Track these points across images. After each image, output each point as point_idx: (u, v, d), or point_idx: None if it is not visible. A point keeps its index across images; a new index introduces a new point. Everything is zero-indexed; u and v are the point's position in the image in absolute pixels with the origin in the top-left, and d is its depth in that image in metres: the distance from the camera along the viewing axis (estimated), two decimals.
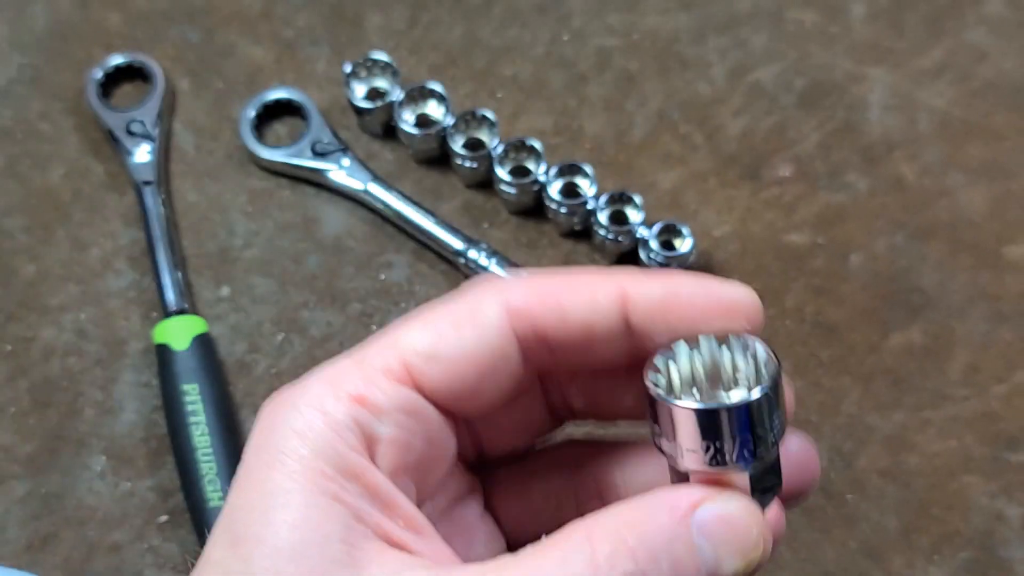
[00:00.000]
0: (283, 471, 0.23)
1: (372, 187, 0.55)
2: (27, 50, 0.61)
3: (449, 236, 0.54)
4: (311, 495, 0.23)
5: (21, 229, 0.56)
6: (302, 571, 0.22)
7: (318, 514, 0.22)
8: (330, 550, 0.22)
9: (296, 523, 0.22)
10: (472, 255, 0.53)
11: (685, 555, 0.21)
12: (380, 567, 0.22)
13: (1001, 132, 0.59)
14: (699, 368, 0.23)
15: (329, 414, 0.24)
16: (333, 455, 0.23)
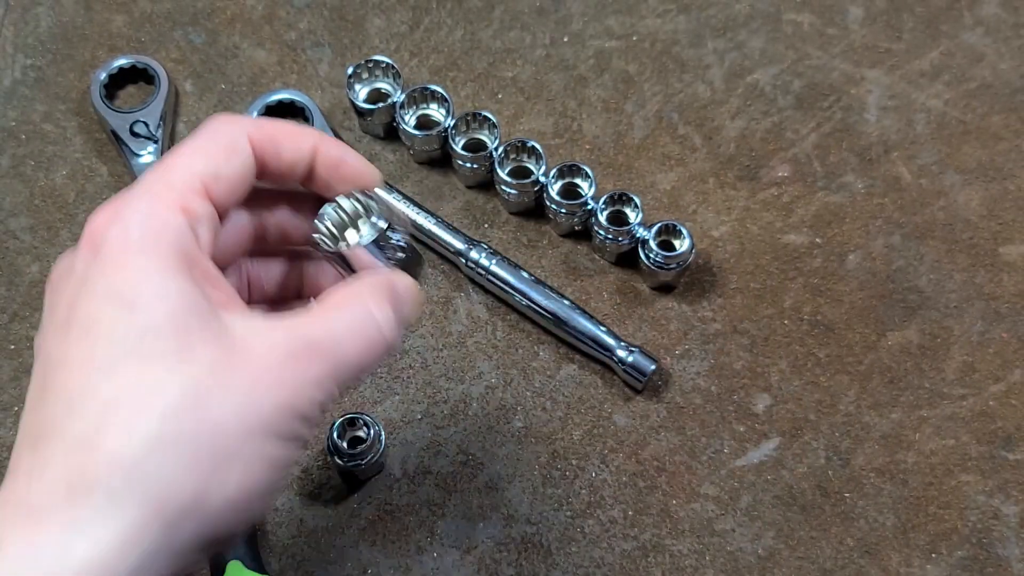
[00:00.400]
0: (156, 260, 0.32)
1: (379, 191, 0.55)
2: (32, 52, 0.61)
3: (450, 237, 0.54)
4: (179, 275, 0.32)
5: (26, 229, 0.56)
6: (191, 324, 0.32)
7: (189, 287, 0.32)
8: (201, 309, 0.32)
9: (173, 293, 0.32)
10: (473, 255, 0.53)
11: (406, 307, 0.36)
12: (237, 319, 0.33)
13: (997, 133, 0.59)
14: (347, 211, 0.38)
15: (172, 219, 0.33)
16: (182, 248, 0.33)
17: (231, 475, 0.31)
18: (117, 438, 0.30)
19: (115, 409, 0.30)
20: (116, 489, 0.29)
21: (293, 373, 0.33)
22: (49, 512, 0.29)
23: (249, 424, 0.31)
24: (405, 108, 0.57)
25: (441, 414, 0.52)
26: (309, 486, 0.50)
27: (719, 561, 0.49)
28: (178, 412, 0.30)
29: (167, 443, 0.30)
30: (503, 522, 0.50)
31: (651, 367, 0.51)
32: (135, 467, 0.30)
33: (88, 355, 0.31)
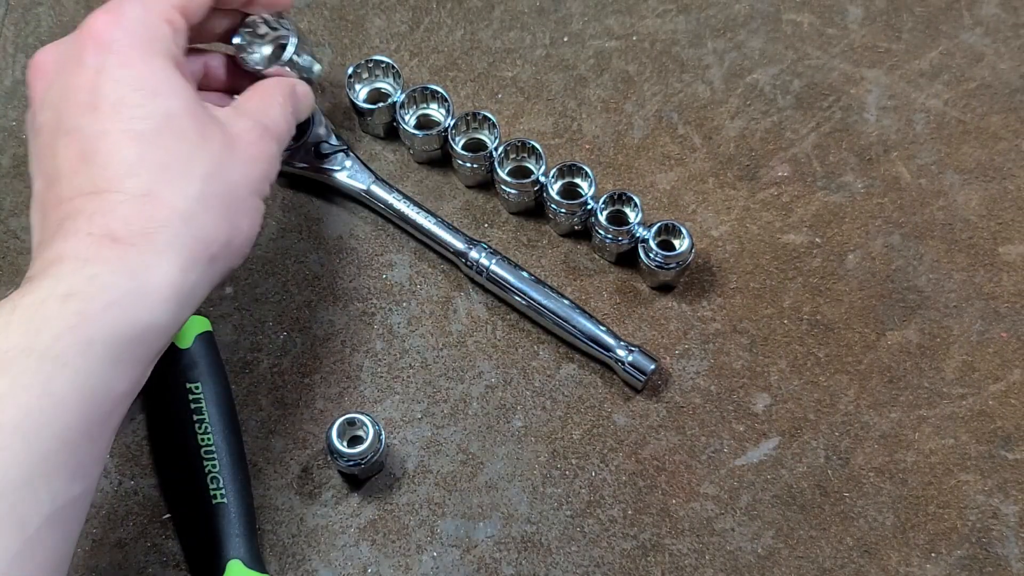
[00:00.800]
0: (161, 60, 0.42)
1: (374, 188, 0.55)
2: (32, 52, 0.61)
3: (450, 236, 0.54)
4: (179, 74, 0.42)
5: (26, 229, 0.56)
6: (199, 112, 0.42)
7: (189, 84, 0.43)
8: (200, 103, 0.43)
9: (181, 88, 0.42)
10: (473, 255, 0.53)
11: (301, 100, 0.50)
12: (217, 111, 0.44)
13: (997, 133, 0.59)
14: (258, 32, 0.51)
15: (164, 28, 0.43)
16: (174, 53, 0.43)
17: (243, 223, 0.43)
18: (174, 194, 0.40)
19: (166, 172, 0.40)
20: (177, 232, 0.39)
21: (262, 149, 0.45)
22: (129, 242, 0.38)
23: (249, 186, 0.43)
24: (405, 108, 0.57)
25: (441, 414, 0.52)
26: (309, 486, 0.51)
27: (719, 560, 0.49)
28: (211, 177, 0.41)
29: (208, 199, 0.41)
30: (503, 522, 0.50)
31: (651, 366, 0.51)
32: (190, 217, 0.40)
33: (127, 128, 0.40)
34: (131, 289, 0.37)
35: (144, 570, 0.48)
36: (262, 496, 0.50)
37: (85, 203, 0.39)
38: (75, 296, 0.36)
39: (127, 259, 0.38)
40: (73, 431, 0.35)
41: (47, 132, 0.41)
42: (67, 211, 0.39)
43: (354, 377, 0.53)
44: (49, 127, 0.41)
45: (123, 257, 0.38)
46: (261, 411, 0.52)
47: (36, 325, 0.35)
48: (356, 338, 0.54)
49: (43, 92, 0.42)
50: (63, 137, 0.40)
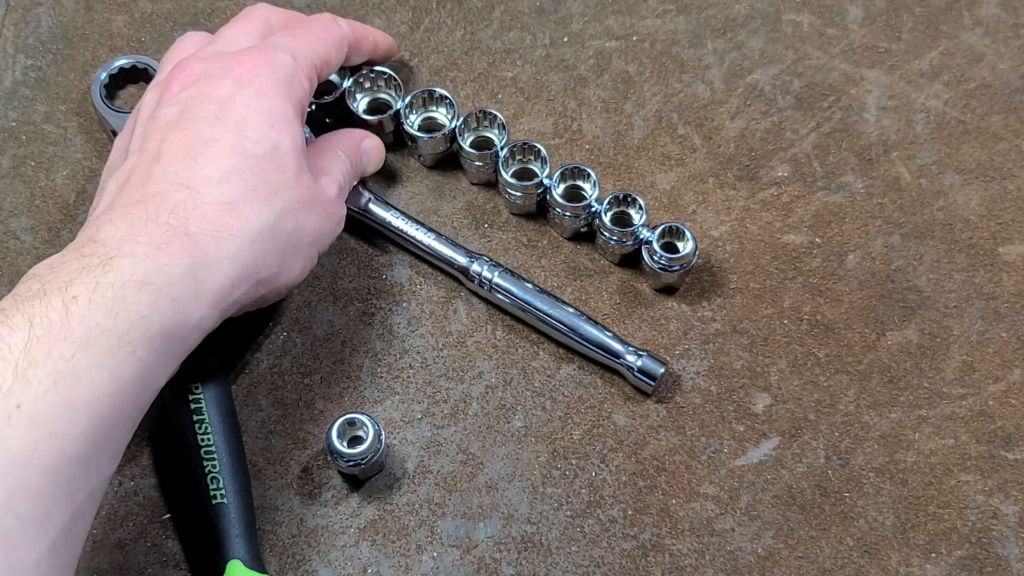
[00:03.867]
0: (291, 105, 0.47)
1: (372, 207, 0.55)
2: (32, 52, 0.61)
3: (451, 251, 0.54)
4: (299, 121, 0.47)
5: (26, 230, 0.56)
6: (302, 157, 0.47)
7: (302, 132, 0.48)
8: (304, 150, 0.47)
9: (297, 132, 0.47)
10: (475, 269, 0.53)
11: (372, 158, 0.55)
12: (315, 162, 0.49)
13: (997, 133, 0.59)
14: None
15: (303, 82, 0.48)
16: (302, 104, 0.48)
17: (295, 266, 0.47)
18: (252, 213, 0.43)
19: (254, 192, 0.43)
20: (241, 246, 0.43)
21: (336, 210, 0.49)
22: (201, 240, 0.41)
23: (314, 237, 0.47)
24: (409, 112, 0.57)
25: (441, 414, 0.52)
26: (309, 486, 0.51)
27: (719, 561, 0.49)
28: (287, 213, 0.45)
29: (277, 230, 0.44)
30: (503, 522, 0.50)
31: (660, 370, 0.51)
32: (257, 237, 0.43)
33: (237, 144, 0.44)
34: (191, 287, 0.40)
35: (144, 570, 0.48)
36: (262, 496, 0.50)
37: (173, 192, 0.42)
38: (149, 286, 0.39)
39: (194, 256, 0.41)
40: (124, 416, 0.38)
41: (165, 122, 0.45)
42: (153, 191, 0.42)
43: (354, 377, 0.53)
44: (169, 119, 0.45)
45: (191, 253, 0.41)
46: (261, 411, 0.52)
47: (115, 308, 0.37)
48: (356, 338, 0.54)
49: (178, 91, 0.46)
50: (178, 130, 0.44)
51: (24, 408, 0.35)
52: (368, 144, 0.54)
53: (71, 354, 0.36)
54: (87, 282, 0.38)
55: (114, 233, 0.40)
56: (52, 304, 0.37)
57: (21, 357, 0.35)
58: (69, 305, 0.37)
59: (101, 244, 0.40)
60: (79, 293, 0.37)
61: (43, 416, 0.35)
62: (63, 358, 0.36)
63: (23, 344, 0.36)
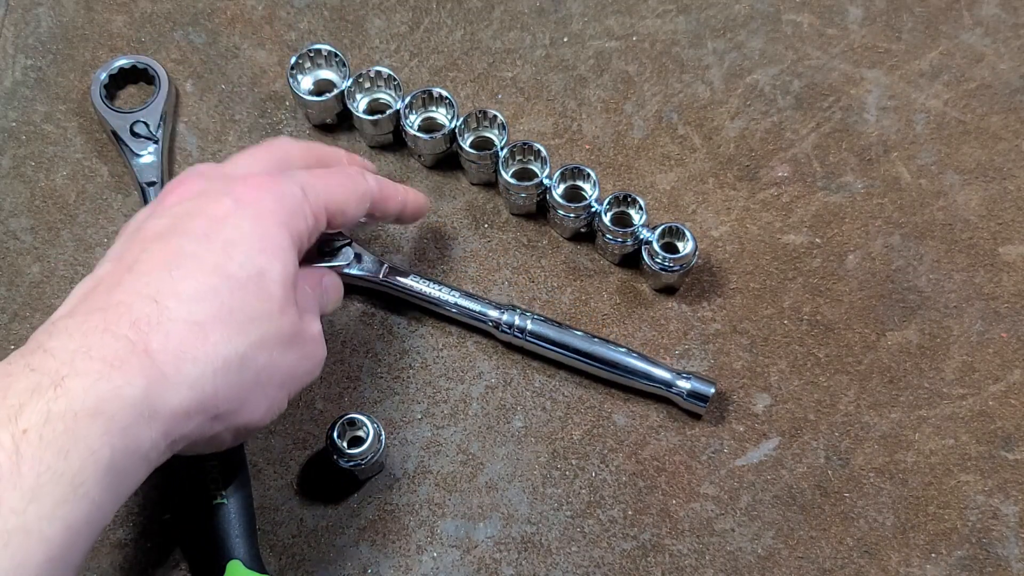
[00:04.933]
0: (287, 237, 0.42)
1: (389, 274, 0.53)
2: (32, 53, 0.61)
3: (480, 307, 0.52)
4: (294, 254, 0.43)
5: (26, 230, 0.56)
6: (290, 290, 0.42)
7: (296, 265, 0.43)
8: (294, 283, 0.43)
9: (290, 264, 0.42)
10: (507, 319, 0.52)
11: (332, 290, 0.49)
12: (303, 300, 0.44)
13: (997, 133, 0.59)
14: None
15: (308, 219, 0.44)
16: (302, 241, 0.44)
17: (259, 408, 0.41)
18: (221, 339, 0.39)
19: (228, 316, 0.39)
20: (203, 373, 0.38)
21: (318, 350, 0.45)
22: (160, 359, 0.37)
23: (285, 378, 0.42)
24: (408, 112, 0.57)
25: (441, 414, 0.52)
26: (309, 486, 0.51)
27: (719, 561, 0.49)
28: (261, 345, 0.40)
29: (245, 363, 0.40)
30: (503, 522, 0.50)
31: (711, 390, 0.50)
32: (222, 369, 0.39)
33: (219, 264, 0.40)
34: (143, 413, 0.36)
35: (144, 570, 0.48)
36: (262, 496, 0.50)
37: (139, 304, 0.38)
38: (101, 415, 0.35)
39: (151, 377, 0.37)
40: (72, 562, 0.35)
41: (151, 233, 0.41)
42: (118, 300, 0.38)
43: (354, 377, 0.53)
44: (156, 231, 0.41)
45: (148, 373, 0.37)
46: None
47: (67, 445, 0.34)
48: (356, 338, 0.54)
49: (172, 205, 0.43)
50: (161, 242, 0.40)
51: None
52: (328, 282, 0.49)
53: (23, 507, 0.33)
54: (38, 410, 0.34)
55: (67, 343, 0.36)
56: (2, 441, 0.33)
57: None
58: (19, 443, 0.34)
59: (52, 356, 0.36)
60: (29, 426, 0.34)
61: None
62: (14, 513, 0.33)
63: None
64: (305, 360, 0.43)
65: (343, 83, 0.57)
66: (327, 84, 0.58)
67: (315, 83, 0.59)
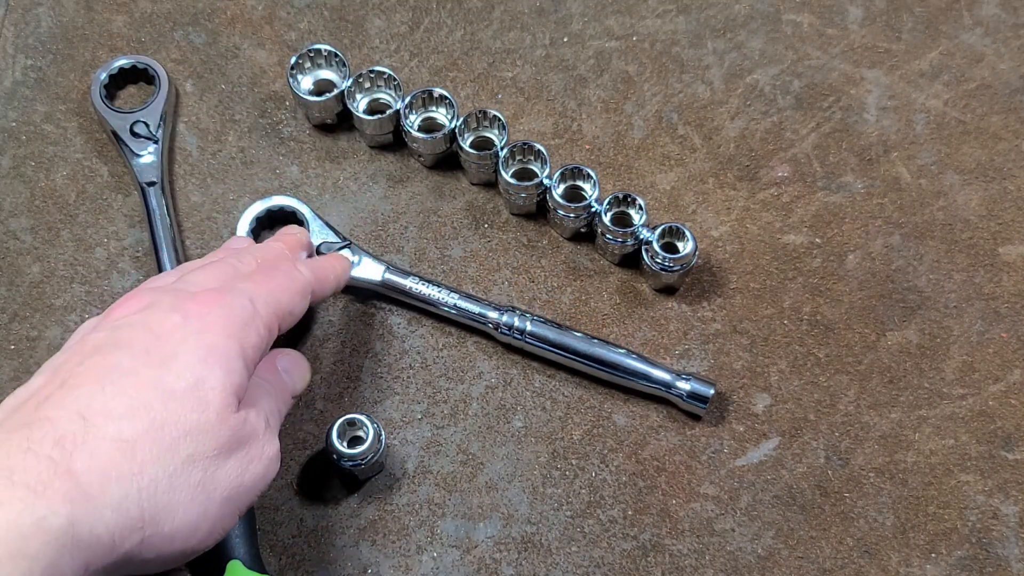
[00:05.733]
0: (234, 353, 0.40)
1: (388, 276, 0.53)
2: (32, 53, 0.61)
3: (479, 308, 0.52)
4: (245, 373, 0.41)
5: (26, 230, 0.56)
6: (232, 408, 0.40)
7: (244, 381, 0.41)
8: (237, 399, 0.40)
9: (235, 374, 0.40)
10: (506, 321, 0.51)
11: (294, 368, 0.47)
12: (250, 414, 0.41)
13: (997, 133, 0.59)
14: None
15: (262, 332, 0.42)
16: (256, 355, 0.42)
17: (200, 527, 0.39)
18: (147, 457, 0.37)
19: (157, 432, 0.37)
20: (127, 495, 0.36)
21: (267, 450, 0.42)
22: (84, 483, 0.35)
23: (230, 492, 0.40)
24: (408, 112, 0.57)
25: (441, 414, 0.52)
26: (309, 486, 0.50)
27: (719, 561, 0.49)
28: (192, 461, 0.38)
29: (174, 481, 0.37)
30: (503, 522, 0.50)
31: (710, 391, 0.50)
32: (151, 488, 0.37)
33: (156, 380, 0.38)
34: (67, 545, 0.34)
35: None
36: (262, 496, 0.50)
37: (65, 421, 0.36)
38: (25, 556, 0.33)
39: (75, 502, 0.34)
40: None
41: (90, 346, 0.39)
42: (44, 415, 0.36)
43: (354, 377, 0.53)
44: (96, 344, 0.39)
45: (71, 498, 0.34)
46: None
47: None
48: (356, 338, 0.54)
49: (117, 318, 0.41)
50: (99, 356, 0.39)
51: None
52: (285, 363, 0.47)
53: None
54: None
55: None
56: None
57: None
58: None
59: None
60: None
61: None
62: None
63: None
64: (253, 464, 0.41)
65: (343, 83, 0.57)
66: (327, 84, 0.58)
67: (315, 83, 0.59)
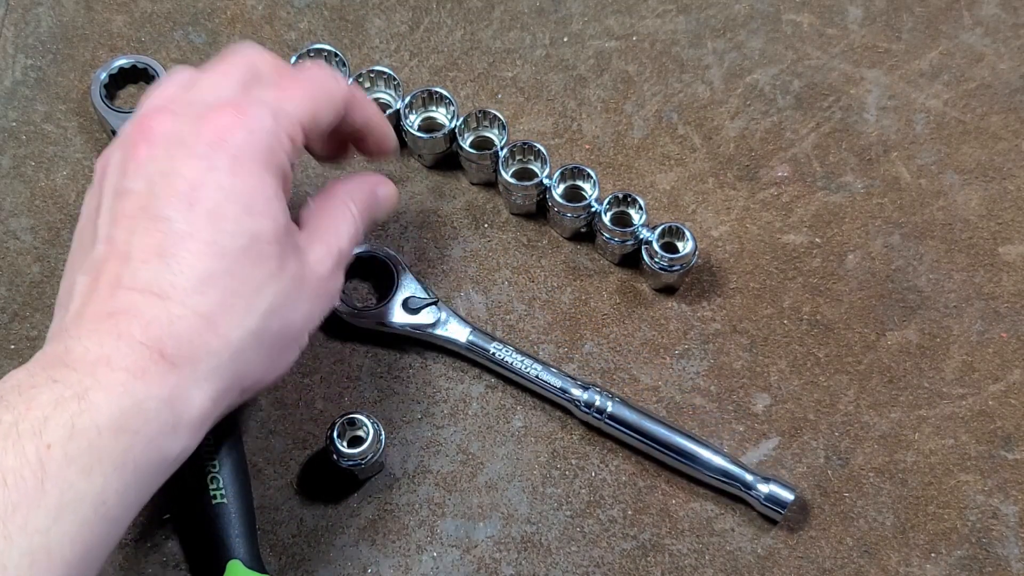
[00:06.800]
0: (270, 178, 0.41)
1: (472, 339, 0.52)
2: (32, 52, 0.61)
3: (562, 382, 0.51)
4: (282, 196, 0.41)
5: (27, 230, 0.56)
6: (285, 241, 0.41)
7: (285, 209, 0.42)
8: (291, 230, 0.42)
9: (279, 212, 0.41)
10: (587, 398, 0.50)
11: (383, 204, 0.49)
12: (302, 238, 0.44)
13: (997, 133, 0.59)
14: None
15: (285, 143, 0.42)
16: (284, 171, 0.42)
17: (285, 360, 0.43)
18: (231, 325, 0.39)
19: (233, 298, 0.39)
20: (221, 363, 0.39)
21: (330, 286, 0.44)
22: (176, 363, 0.37)
23: (306, 325, 0.43)
24: (409, 112, 0.57)
25: (441, 414, 0.52)
26: (309, 486, 0.51)
27: (719, 561, 0.49)
28: (273, 314, 0.40)
29: (262, 336, 0.40)
30: (503, 522, 0.50)
31: (790, 497, 0.48)
32: (239, 352, 0.39)
33: (213, 241, 0.39)
34: (168, 422, 0.37)
35: (144, 570, 0.48)
36: (262, 496, 0.50)
37: (145, 305, 0.38)
38: (126, 431, 0.36)
39: (171, 383, 0.37)
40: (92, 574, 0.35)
41: (133, 204, 0.40)
42: (124, 302, 0.38)
43: (354, 377, 0.53)
44: (137, 200, 0.40)
45: (168, 380, 0.37)
46: (261, 411, 0.52)
47: (90, 462, 0.34)
48: (356, 338, 0.54)
49: (144, 158, 0.40)
50: (148, 220, 0.39)
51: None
52: (384, 192, 0.48)
53: (46, 527, 0.33)
54: (62, 424, 0.34)
55: (86, 354, 0.36)
56: (27, 455, 0.33)
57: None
58: (44, 458, 0.33)
59: (73, 369, 0.36)
60: (53, 441, 0.34)
61: None
62: (38, 532, 0.33)
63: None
64: (318, 300, 0.43)
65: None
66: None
67: None
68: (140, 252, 0.39)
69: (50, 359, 0.37)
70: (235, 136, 0.40)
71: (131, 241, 0.39)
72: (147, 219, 0.39)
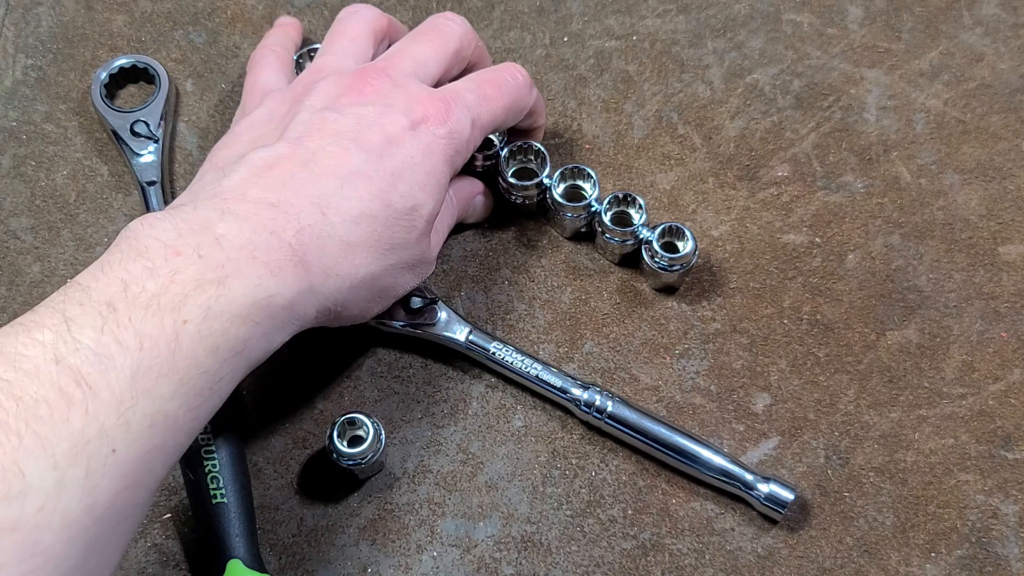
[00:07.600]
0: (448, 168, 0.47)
1: (472, 338, 0.52)
2: (32, 52, 0.61)
3: (561, 382, 0.51)
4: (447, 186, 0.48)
5: (27, 229, 0.56)
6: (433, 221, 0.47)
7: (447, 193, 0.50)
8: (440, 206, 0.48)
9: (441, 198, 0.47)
10: (587, 398, 0.50)
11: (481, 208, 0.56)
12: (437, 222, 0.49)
13: (997, 133, 0.59)
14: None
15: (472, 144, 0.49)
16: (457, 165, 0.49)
17: (372, 311, 0.47)
18: (362, 264, 0.43)
19: (375, 242, 0.43)
20: (341, 290, 0.43)
21: (431, 267, 0.49)
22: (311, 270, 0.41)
23: (400, 292, 0.48)
24: None
25: (441, 413, 0.52)
26: (309, 486, 0.51)
27: (719, 560, 0.49)
28: (392, 270, 0.45)
29: (374, 283, 0.44)
30: (503, 521, 0.50)
31: (790, 497, 0.48)
32: (356, 288, 0.43)
33: (386, 191, 0.43)
34: (284, 320, 0.41)
35: (144, 570, 0.48)
36: (262, 496, 0.50)
37: (308, 211, 0.41)
38: (252, 321, 0.39)
39: (300, 288, 0.41)
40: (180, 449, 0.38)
41: (333, 127, 0.44)
42: (291, 200, 0.41)
43: (354, 377, 0.53)
44: (338, 126, 0.44)
45: (299, 284, 0.40)
46: (261, 411, 0.52)
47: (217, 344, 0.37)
48: (356, 338, 0.54)
49: (356, 103, 0.45)
50: (340, 148, 0.43)
51: (119, 453, 0.33)
52: (480, 201, 0.55)
53: (170, 394, 0.35)
54: (200, 305, 0.36)
55: (237, 236, 0.39)
56: (164, 327, 0.35)
57: (126, 393, 0.34)
58: (179, 333, 0.36)
59: (220, 247, 0.38)
60: (190, 318, 0.36)
61: (131, 464, 0.34)
62: (162, 398, 0.35)
63: (130, 375, 0.34)
64: (420, 276, 0.48)
65: None
66: None
67: None
68: (321, 166, 0.42)
69: (200, 222, 0.39)
70: (437, 130, 0.46)
71: (317, 152, 0.43)
72: (339, 146, 0.43)
